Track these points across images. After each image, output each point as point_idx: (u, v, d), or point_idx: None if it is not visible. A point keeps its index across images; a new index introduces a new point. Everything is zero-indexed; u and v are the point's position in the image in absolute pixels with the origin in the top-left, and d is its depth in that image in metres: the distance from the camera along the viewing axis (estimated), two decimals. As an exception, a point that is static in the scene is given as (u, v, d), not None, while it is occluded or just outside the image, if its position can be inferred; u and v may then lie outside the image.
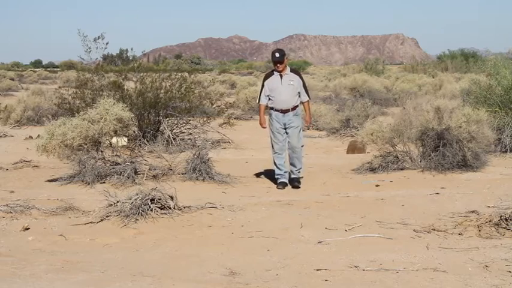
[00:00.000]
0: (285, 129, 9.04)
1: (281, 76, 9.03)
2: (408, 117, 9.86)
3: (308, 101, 9.28)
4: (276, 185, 9.09)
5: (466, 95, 14.37)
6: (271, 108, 9.10)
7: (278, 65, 8.98)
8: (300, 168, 9.20)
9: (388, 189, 8.58)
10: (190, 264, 5.33)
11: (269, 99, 9.09)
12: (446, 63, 43.83)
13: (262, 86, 9.19)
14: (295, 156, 9.11)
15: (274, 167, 9.19)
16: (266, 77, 9.22)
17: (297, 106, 9.07)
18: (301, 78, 9.18)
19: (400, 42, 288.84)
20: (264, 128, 9.29)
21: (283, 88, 8.98)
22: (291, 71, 9.14)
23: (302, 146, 9.21)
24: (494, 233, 5.98)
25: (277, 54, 9.00)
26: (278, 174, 9.11)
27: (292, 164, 9.16)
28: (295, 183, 9.05)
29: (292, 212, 7.23)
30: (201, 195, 8.05)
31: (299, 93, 9.08)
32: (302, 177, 9.22)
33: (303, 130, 9.48)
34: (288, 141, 9.07)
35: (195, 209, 6.97)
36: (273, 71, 9.15)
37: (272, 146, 9.18)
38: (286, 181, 9.10)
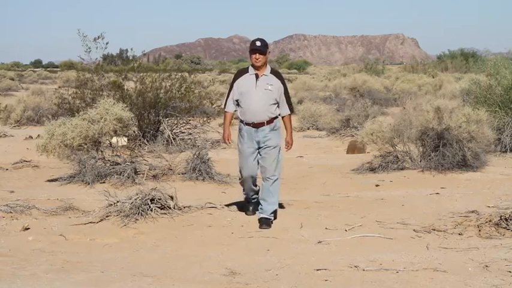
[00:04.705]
0: (259, 149, 6.69)
1: (257, 76, 6.63)
2: (408, 117, 9.88)
3: (290, 115, 6.82)
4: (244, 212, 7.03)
5: (466, 95, 14.37)
6: (241, 121, 6.76)
7: (257, 54, 6.55)
8: (273, 211, 6.64)
9: (388, 189, 8.58)
10: (190, 264, 5.33)
11: (238, 105, 6.76)
12: (446, 63, 43.91)
13: (231, 87, 6.77)
14: (268, 188, 6.64)
15: (242, 193, 7.13)
16: (237, 76, 6.77)
17: (275, 118, 6.66)
18: (283, 83, 6.72)
19: (400, 42, 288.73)
20: (229, 143, 6.87)
21: (257, 93, 6.58)
22: (271, 73, 6.71)
23: (277, 180, 6.67)
24: (494, 233, 5.99)
25: (258, 43, 6.59)
26: (247, 200, 7.08)
27: (262, 199, 6.67)
28: (263, 225, 6.49)
29: (292, 212, 7.23)
30: (201, 195, 8.05)
31: (278, 102, 6.69)
32: (273, 219, 6.65)
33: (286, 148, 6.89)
34: (261, 166, 6.69)
35: (195, 209, 6.97)
36: (248, 68, 6.79)
37: (240, 172, 6.87)
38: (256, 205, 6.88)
